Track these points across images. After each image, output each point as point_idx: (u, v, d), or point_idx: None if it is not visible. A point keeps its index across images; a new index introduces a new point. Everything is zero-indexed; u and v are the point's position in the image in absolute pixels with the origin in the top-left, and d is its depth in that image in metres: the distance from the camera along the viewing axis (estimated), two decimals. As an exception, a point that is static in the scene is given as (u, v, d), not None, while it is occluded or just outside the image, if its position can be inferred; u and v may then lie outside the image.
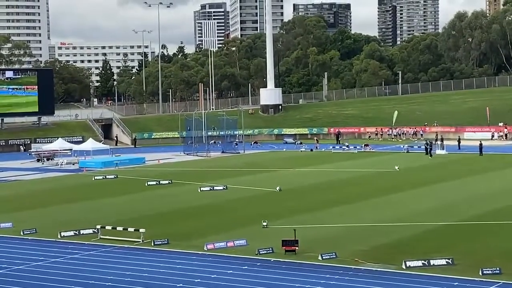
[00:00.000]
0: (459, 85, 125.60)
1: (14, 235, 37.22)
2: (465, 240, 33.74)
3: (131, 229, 35.22)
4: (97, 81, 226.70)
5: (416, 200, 46.06)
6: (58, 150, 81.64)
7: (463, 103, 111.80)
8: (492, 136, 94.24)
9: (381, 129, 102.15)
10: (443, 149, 79.27)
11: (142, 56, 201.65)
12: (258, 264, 29.82)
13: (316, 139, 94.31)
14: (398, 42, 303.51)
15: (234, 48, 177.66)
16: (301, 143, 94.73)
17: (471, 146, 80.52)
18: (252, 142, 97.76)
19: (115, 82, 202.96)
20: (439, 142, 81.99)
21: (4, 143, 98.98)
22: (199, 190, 52.18)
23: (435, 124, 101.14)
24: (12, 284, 27.36)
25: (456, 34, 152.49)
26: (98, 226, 36.23)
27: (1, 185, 61.15)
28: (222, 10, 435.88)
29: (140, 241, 34.30)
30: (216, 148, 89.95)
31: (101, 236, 35.53)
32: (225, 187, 53.07)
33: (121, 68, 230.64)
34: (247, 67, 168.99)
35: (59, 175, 68.43)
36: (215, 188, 52.86)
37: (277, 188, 51.36)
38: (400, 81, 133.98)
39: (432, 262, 28.64)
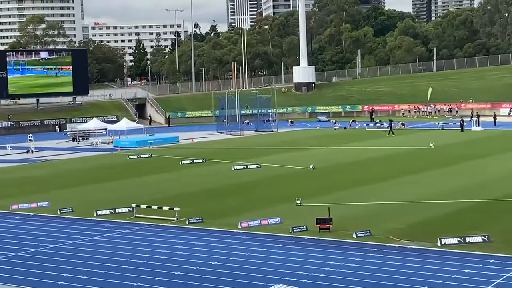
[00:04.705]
0: (495, 61, 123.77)
1: (51, 214, 37.69)
2: (501, 217, 33.41)
3: (165, 208, 35.46)
4: (131, 60, 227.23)
5: (451, 177, 45.68)
6: (93, 130, 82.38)
7: (499, 79, 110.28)
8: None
9: (415, 106, 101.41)
10: (478, 126, 78.55)
11: (175, 35, 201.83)
12: (292, 242, 29.85)
13: (353, 120, 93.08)
14: (433, 18, 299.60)
15: (266, 26, 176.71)
16: (335, 122, 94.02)
17: (508, 122, 79.60)
18: (289, 122, 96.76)
19: (148, 62, 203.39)
20: (474, 119, 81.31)
21: (39, 123, 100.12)
22: (232, 169, 52.30)
23: (471, 100, 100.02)
24: (49, 262, 27.72)
25: (491, 9, 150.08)
26: (133, 205, 36.50)
27: (37, 165, 61.89)
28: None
29: (174, 220, 34.50)
30: (249, 127, 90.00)
31: (136, 215, 35.82)
32: (258, 166, 53.11)
33: (154, 47, 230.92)
34: (279, 45, 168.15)
35: (94, 154, 69.05)
36: (248, 166, 52.94)
37: (311, 166, 51.30)
38: (434, 58, 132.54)
39: (467, 239, 28.46)
